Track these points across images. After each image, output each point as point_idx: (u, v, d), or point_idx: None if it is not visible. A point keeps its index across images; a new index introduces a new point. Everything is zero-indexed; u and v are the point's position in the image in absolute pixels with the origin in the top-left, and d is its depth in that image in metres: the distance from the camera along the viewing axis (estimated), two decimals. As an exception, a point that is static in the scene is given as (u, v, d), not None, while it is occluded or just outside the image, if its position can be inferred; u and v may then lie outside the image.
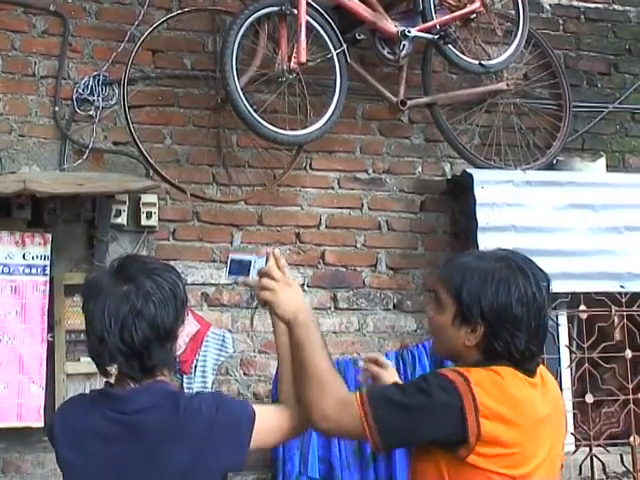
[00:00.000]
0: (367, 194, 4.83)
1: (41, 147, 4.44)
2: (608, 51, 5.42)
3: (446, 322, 2.34)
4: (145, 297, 2.13)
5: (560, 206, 4.71)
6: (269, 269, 2.30)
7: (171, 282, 2.19)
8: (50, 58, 4.50)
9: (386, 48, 4.60)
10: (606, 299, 4.73)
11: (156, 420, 2.11)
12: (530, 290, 2.25)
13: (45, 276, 4.20)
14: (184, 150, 4.60)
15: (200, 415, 2.11)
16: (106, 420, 2.14)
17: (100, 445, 2.13)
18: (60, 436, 2.19)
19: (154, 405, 2.12)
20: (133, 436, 2.11)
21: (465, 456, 2.17)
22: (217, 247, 4.58)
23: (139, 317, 2.11)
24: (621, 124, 5.36)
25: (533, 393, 2.25)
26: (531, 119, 5.11)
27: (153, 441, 2.10)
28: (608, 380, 4.80)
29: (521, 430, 2.19)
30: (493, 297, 2.25)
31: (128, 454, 2.10)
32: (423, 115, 4.93)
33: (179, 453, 2.08)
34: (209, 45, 4.70)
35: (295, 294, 2.34)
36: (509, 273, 2.27)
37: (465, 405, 2.15)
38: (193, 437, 2.09)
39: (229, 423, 2.13)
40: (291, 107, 4.46)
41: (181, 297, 2.20)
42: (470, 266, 2.32)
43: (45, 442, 4.18)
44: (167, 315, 2.14)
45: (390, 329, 4.76)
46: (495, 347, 2.25)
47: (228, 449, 2.13)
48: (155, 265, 2.24)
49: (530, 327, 2.24)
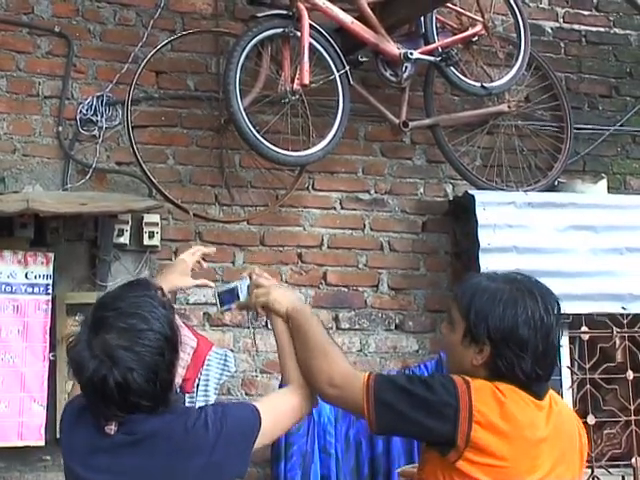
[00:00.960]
0: (369, 215, 4.85)
1: (44, 167, 4.46)
2: (609, 74, 5.46)
3: (456, 340, 2.36)
4: (125, 374, 2.08)
5: (561, 227, 4.71)
6: (256, 280, 2.55)
7: (152, 338, 2.13)
8: (54, 78, 4.52)
9: (388, 70, 4.63)
10: (608, 320, 4.73)
11: (166, 440, 2.13)
12: (538, 313, 2.26)
13: (47, 295, 4.20)
14: (187, 170, 4.62)
15: (208, 427, 2.15)
16: (119, 443, 2.14)
17: (111, 464, 2.14)
18: (69, 454, 2.22)
19: (167, 426, 2.14)
20: (143, 457, 2.13)
21: (454, 460, 2.18)
22: (219, 267, 4.59)
23: (127, 390, 2.09)
24: (622, 146, 5.39)
25: (536, 414, 2.25)
26: (532, 141, 5.13)
27: (170, 457, 2.12)
28: (610, 401, 4.79)
29: (515, 446, 2.19)
30: (499, 318, 2.26)
31: (139, 472, 2.12)
32: (425, 136, 4.95)
33: (193, 466, 2.12)
34: (212, 66, 4.73)
35: (287, 291, 2.58)
36: (517, 295, 2.28)
37: (460, 407, 2.17)
38: (205, 449, 2.13)
39: (234, 433, 2.18)
40: (294, 128, 4.47)
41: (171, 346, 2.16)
42: (480, 286, 2.34)
43: (46, 461, 4.21)
44: (155, 375, 2.11)
45: (392, 349, 4.75)
46: (500, 368, 2.26)
47: (234, 457, 2.19)
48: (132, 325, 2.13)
49: (537, 350, 2.25)
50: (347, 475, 4.19)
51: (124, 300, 2.22)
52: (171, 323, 2.20)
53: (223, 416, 2.19)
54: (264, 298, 2.51)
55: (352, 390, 2.27)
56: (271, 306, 2.49)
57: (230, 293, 2.63)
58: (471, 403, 2.18)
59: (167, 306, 2.24)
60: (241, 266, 4.60)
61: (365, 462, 4.21)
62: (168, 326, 2.18)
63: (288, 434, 4.16)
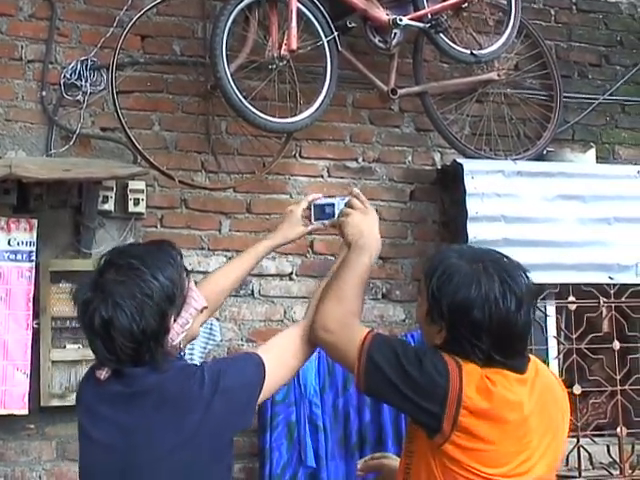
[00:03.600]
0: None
1: (27, 132, 4.39)
2: (599, 42, 5.42)
3: (422, 316, 2.32)
4: (114, 307, 2.13)
5: (550, 197, 4.69)
6: (350, 201, 2.55)
7: (147, 284, 2.15)
8: (37, 42, 4.44)
9: (377, 36, 4.57)
10: (595, 290, 4.73)
11: (168, 393, 2.16)
12: (493, 295, 2.16)
13: (31, 262, 4.15)
14: (172, 137, 4.56)
15: (205, 383, 2.16)
16: (117, 394, 2.19)
17: (114, 417, 2.18)
18: (80, 410, 2.28)
19: (166, 380, 2.17)
20: (145, 409, 2.16)
21: (441, 444, 2.15)
22: (205, 235, 4.55)
23: (112, 328, 2.13)
24: (611, 116, 5.36)
25: (521, 391, 2.21)
26: (522, 109, 5.09)
27: (165, 413, 2.15)
28: (596, 371, 4.81)
29: (504, 429, 2.16)
30: (452, 298, 2.20)
31: (139, 426, 2.16)
32: (414, 104, 4.90)
33: (188, 421, 2.14)
34: (199, 31, 4.66)
35: (368, 221, 2.51)
36: (474, 276, 2.18)
37: (450, 389, 2.13)
38: (200, 404, 2.15)
39: (234, 388, 2.19)
40: (281, 94, 4.42)
41: (164, 294, 2.17)
42: (443, 262, 2.27)
43: (29, 429, 4.19)
44: (145, 320, 2.13)
45: (379, 318, 4.74)
46: (456, 350, 2.21)
47: (235, 412, 2.21)
48: (133, 264, 2.19)
49: (493, 334, 2.17)
50: (334, 445, 4.19)
51: (139, 248, 2.33)
52: (177, 280, 2.22)
53: (222, 371, 2.20)
54: (343, 219, 2.51)
55: (346, 340, 2.26)
56: (342, 228, 2.51)
57: (327, 208, 2.63)
58: (461, 387, 2.13)
59: (180, 267, 2.26)
60: (227, 234, 4.57)
61: (353, 432, 4.21)
62: (170, 280, 2.20)
63: (274, 404, 4.15)
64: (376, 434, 4.22)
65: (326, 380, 4.26)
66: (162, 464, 2.15)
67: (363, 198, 2.58)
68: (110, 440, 2.18)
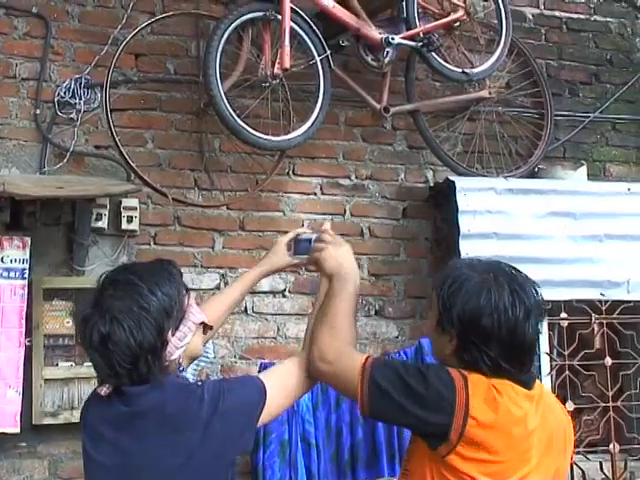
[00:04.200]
0: (349, 200, 4.83)
1: (21, 150, 4.40)
2: (589, 61, 5.47)
3: (432, 326, 2.34)
4: (112, 321, 2.15)
5: (541, 214, 4.71)
6: (321, 235, 2.56)
7: (145, 298, 2.18)
8: (32, 60, 4.46)
9: (370, 55, 4.60)
10: (586, 307, 4.75)
11: (167, 413, 2.16)
12: (503, 305, 2.19)
13: (24, 280, 4.14)
14: (166, 154, 4.58)
15: (204, 403, 2.17)
16: (119, 415, 2.19)
17: (115, 439, 2.19)
18: (84, 428, 2.29)
19: (166, 400, 2.18)
20: (145, 430, 2.16)
21: (445, 454, 2.15)
22: (198, 252, 4.56)
23: (110, 343, 2.15)
24: (602, 133, 5.40)
25: (527, 406, 2.23)
26: (513, 127, 5.13)
27: (164, 433, 2.16)
28: (588, 388, 4.82)
29: (508, 441, 2.17)
30: (462, 308, 2.22)
31: (140, 448, 2.16)
32: (406, 122, 4.93)
33: (187, 441, 2.15)
34: (192, 49, 4.68)
35: (343, 252, 2.53)
36: (484, 285, 2.22)
37: (457, 401, 2.14)
38: (200, 425, 2.15)
39: (235, 408, 2.20)
40: (274, 112, 4.44)
41: (161, 308, 2.19)
42: (454, 273, 2.31)
43: (21, 448, 4.17)
44: (142, 334, 2.15)
45: (372, 335, 4.75)
46: (465, 359, 2.23)
47: (235, 432, 2.20)
48: (131, 279, 2.22)
49: (502, 343, 2.19)
50: (327, 462, 4.18)
51: (139, 266, 2.36)
52: (174, 296, 2.24)
53: (223, 391, 2.21)
54: (318, 253, 2.52)
55: (346, 369, 2.26)
56: (322, 264, 2.51)
57: (303, 243, 2.64)
58: (468, 397, 2.14)
59: (179, 284, 2.29)
60: (220, 251, 4.58)
61: (345, 449, 4.19)
62: (168, 295, 2.22)
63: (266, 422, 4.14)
64: (369, 451, 4.21)
65: (319, 397, 4.25)
66: None
67: (332, 232, 2.60)
68: (111, 461, 2.18)
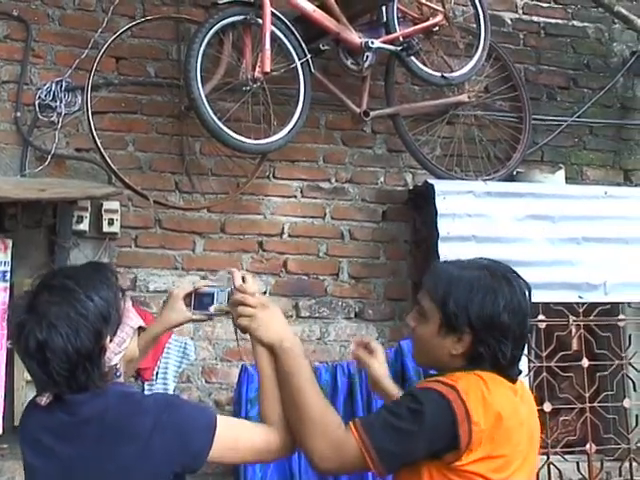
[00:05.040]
0: (330, 203, 4.86)
1: (2, 152, 4.41)
2: (567, 66, 5.53)
3: (431, 332, 2.35)
4: (49, 328, 2.08)
5: (520, 217, 4.75)
6: (243, 297, 2.27)
7: (82, 304, 2.13)
8: (12, 63, 4.47)
9: (350, 59, 4.64)
10: (564, 309, 4.79)
11: (108, 423, 2.11)
12: (515, 298, 2.27)
13: (5, 282, 4.15)
14: (147, 157, 4.60)
15: (147, 415, 2.11)
16: (61, 424, 2.14)
17: (55, 447, 2.13)
18: (23, 437, 2.21)
19: (107, 408, 2.13)
20: (85, 439, 2.11)
21: (452, 461, 2.18)
22: (179, 254, 4.58)
23: (47, 350, 2.08)
24: (579, 137, 5.46)
25: (515, 399, 2.28)
26: (492, 131, 5.18)
27: (103, 443, 2.10)
28: (565, 389, 4.86)
29: (507, 433, 2.21)
30: (480, 306, 2.26)
31: (78, 456, 2.11)
32: (386, 125, 4.97)
33: (125, 452, 2.09)
34: (173, 53, 4.71)
35: (275, 317, 2.31)
36: (494, 282, 2.29)
37: (457, 417, 2.15)
38: (139, 436, 2.09)
39: (177, 424, 2.12)
40: (255, 116, 4.47)
41: (99, 313, 2.14)
42: (454, 275, 2.34)
43: (3, 450, 4.16)
44: (80, 340, 2.10)
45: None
46: (482, 355, 2.27)
47: (175, 450, 2.12)
48: (67, 284, 2.16)
49: (515, 334, 2.27)
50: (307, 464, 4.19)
51: (73, 269, 2.28)
52: (112, 300, 2.18)
53: (170, 406, 2.15)
54: (247, 322, 2.29)
55: (348, 454, 2.18)
56: (256, 335, 2.28)
57: (205, 299, 2.42)
58: (466, 406, 2.15)
59: (116, 288, 2.24)
60: (201, 254, 4.60)
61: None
62: (105, 300, 2.16)
63: (248, 421, 4.17)
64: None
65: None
66: None
67: (252, 288, 2.33)
68: (50, 470, 2.13)
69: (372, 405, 4.25)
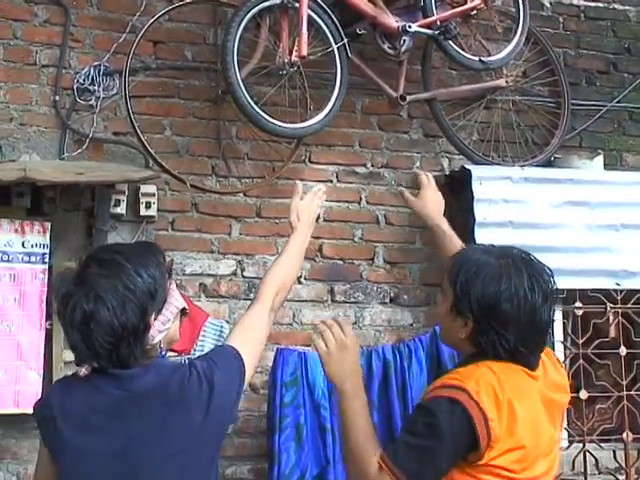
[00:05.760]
0: (365, 188, 4.85)
1: (41, 136, 4.44)
2: (607, 50, 5.44)
3: (445, 312, 2.36)
4: (96, 300, 2.13)
5: (557, 203, 4.72)
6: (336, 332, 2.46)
7: (130, 278, 2.18)
8: (51, 47, 4.50)
9: (386, 43, 4.61)
10: (601, 296, 4.75)
11: (170, 394, 2.18)
12: (522, 290, 2.23)
13: (44, 264, 4.21)
14: (184, 141, 4.61)
15: (202, 380, 2.20)
16: (115, 400, 2.18)
17: (109, 425, 2.17)
18: (61, 417, 2.20)
19: (166, 381, 2.20)
20: (146, 413, 2.17)
21: (475, 460, 2.17)
22: (215, 238, 4.60)
23: (92, 322, 2.13)
24: (619, 123, 5.38)
25: (531, 387, 2.26)
26: (530, 116, 5.13)
27: (168, 414, 2.17)
28: (602, 377, 4.83)
29: (524, 424, 2.20)
30: (481, 292, 2.25)
31: (140, 431, 2.16)
32: (422, 110, 4.94)
33: (192, 419, 2.17)
34: (210, 37, 4.71)
35: (347, 361, 2.43)
36: (503, 270, 2.26)
37: (474, 419, 2.14)
38: (202, 401, 2.18)
39: (225, 383, 2.25)
40: (291, 100, 4.47)
41: (146, 289, 2.20)
42: (470, 258, 2.34)
43: (42, 430, 4.21)
44: (126, 315, 2.14)
45: (386, 322, 4.77)
46: (482, 344, 2.25)
47: (228, 406, 2.26)
48: (116, 259, 2.21)
49: (520, 328, 2.22)
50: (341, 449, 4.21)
51: (124, 246, 2.34)
52: (159, 278, 2.25)
53: (212, 369, 2.24)
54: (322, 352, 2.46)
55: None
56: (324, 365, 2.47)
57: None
58: (481, 409, 2.15)
59: (162, 267, 2.28)
60: (237, 238, 4.61)
61: (361, 434, 4.22)
62: (152, 277, 2.22)
63: (282, 406, 4.18)
64: (386, 436, 4.22)
65: (334, 382, 4.28)
66: (168, 466, 2.16)
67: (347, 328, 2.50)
68: (110, 448, 2.15)
69: (406, 390, 4.26)
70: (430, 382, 4.18)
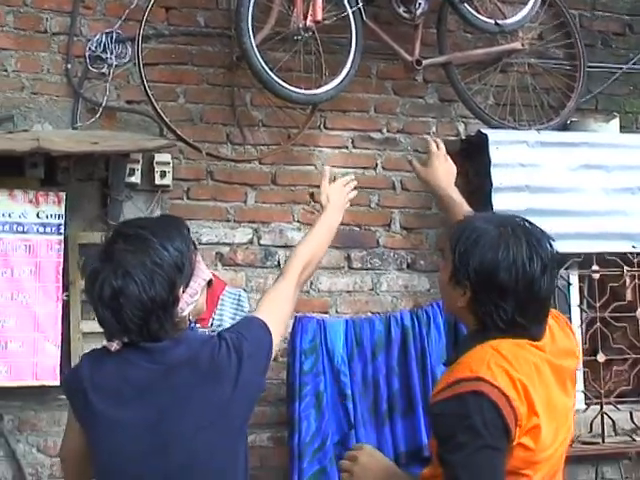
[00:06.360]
0: (381, 154, 4.82)
1: (53, 105, 4.40)
2: (623, 11, 5.37)
3: (446, 279, 2.33)
4: (124, 276, 2.14)
5: (573, 167, 4.70)
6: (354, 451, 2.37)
7: (157, 253, 2.17)
8: (62, 15, 4.43)
9: (402, 7, 4.56)
10: (618, 259, 4.75)
11: (201, 366, 2.19)
12: (521, 259, 2.17)
13: (60, 235, 4.18)
14: (197, 109, 4.56)
15: (230, 356, 2.21)
16: (147, 373, 2.18)
17: (141, 397, 2.17)
18: (91, 389, 2.19)
19: (197, 353, 2.20)
20: (178, 385, 2.17)
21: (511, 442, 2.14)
22: (231, 206, 4.57)
23: (122, 297, 2.13)
24: (635, 85, 5.32)
25: (540, 360, 2.22)
26: (545, 79, 5.07)
27: (200, 386, 2.17)
28: (619, 339, 4.84)
29: (540, 400, 2.18)
30: (479, 261, 2.21)
31: (172, 403, 2.17)
32: (437, 74, 4.89)
33: (222, 390, 2.19)
34: (223, 2, 4.63)
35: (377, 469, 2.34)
36: (502, 239, 2.20)
37: (499, 404, 2.09)
38: (231, 372, 2.20)
39: (253, 353, 2.25)
40: (306, 66, 4.42)
41: (173, 263, 2.19)
42: (470, 226, 2.28)
43: (60, 400, 4.19)
44: (155, 289, 2.15)
45: (403, 288, 4.76)
46: (479, 314, 2.23)
47: (257, 376, 2.27)
48: (142, 234, 2.21)
49: (518, 298, 2.17)
50: (364, 413, 4.23)
51: (148, 220, 2.31)
52: (185, 251, 2.24)
53: (241, 340, 2.25)
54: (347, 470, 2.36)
55: None
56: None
57: None
58: (503, 393, 2.11)
59: (188, 240, 2.28)
60: (253, 205, 4.58)
61: (382, 400, 4.24)
62: (179, 250, 2.22)
63: (302, 374, 4.20)
64: (406, 402, 4.26)
65: (354, 350, 4.29)
66: (199, 437, 2.17)
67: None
68: (141, 420, 2.15)
69: (426, 357, 4.27)
70: (449, 348, 4.26)
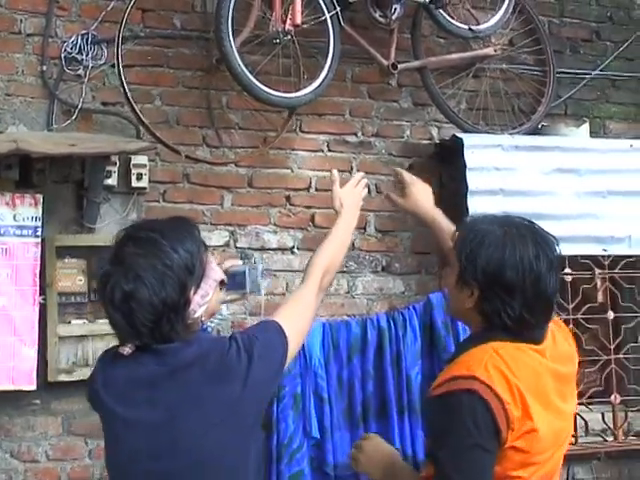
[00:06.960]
0: (356, 157, 4.84)
1: (28, 106, 4.35)
2: (591, 18, 5.46)
3: (452, 282, 2.36)
4: (135, 279, 2.14)
5: (547, 170, 4.76)
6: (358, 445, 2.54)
7: (167, 255, 2.17)
8: (37, 16, 4.39)
9: (378, 11, 4.59)
10: (590, 262, 4.82)
11: (210, 366, 2.19)
12: (527, 258, 2.22)
13: (36, 238, 4.13)
14: (174, 111, 4.54)
15: (240, 357, 2.20)
16: (156, 374, 2.18)
17: (151, 398, 2.18)
18: (103, 389, 2.23)
19: (206, 353, 2.20)
20: (186, 385, 2.17)
21: (502, 444, 2.17)
22: (207, 209, 4.56)
23: (133, 301, 2.14)
24: (602, 90, 5.42)
25: (539, 363, 2.25)
26: (516, 84, 5.14)
27: (208, 385, 2.18)
28: (590, 341, 4.90)
29: (537, 405, 2.21)
30: (486, 261, 2.25)
31: (180, 403, 2.17)
32: (411, 78, 4.93)
33: (231, 390, 2.18)
34: (199, 6, 4.63)
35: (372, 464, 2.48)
36: (507, 238, 2.25)
37: (492, 405, 2.14)
38: (241, 372, 2.19)
39: (265, 357, 2.25)
40: (284, 69, 4.43)
41: (184, 265, 2.19)
42: (474, 227, 2.33)
43: (35, 405, 4.18)
44: (166, 292, 2.15)
45: (379, 291, 4.79)
46: (488, 313, 2.26)
47: (268, 379, 2.27)
48: (152, 237, 2.21)
49: (525, 296, 2.22)
50: (339, 416, 4.24)
51: (158, 223, 2.31)
52: (195, 253, 2.25)
53: (252, 341, 2.25)
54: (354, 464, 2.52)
55: None
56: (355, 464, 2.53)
57: (237, 277, 2.60)
58: (496, 394, 2.14)
59: (198, 241, 2.28)
60: (229, 208, 4.58)
61: (357, 403, 4.25)
62: (189, 252, 2.22)
63: (280, 377, 4.20)
64: (379, 404, 4.28)
65: (330, 352, 4.30)
66: (209, 435, 2.17)
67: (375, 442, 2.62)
68: (151, 419, 2.17)
69: (401, 360, 4.28)
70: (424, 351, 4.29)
